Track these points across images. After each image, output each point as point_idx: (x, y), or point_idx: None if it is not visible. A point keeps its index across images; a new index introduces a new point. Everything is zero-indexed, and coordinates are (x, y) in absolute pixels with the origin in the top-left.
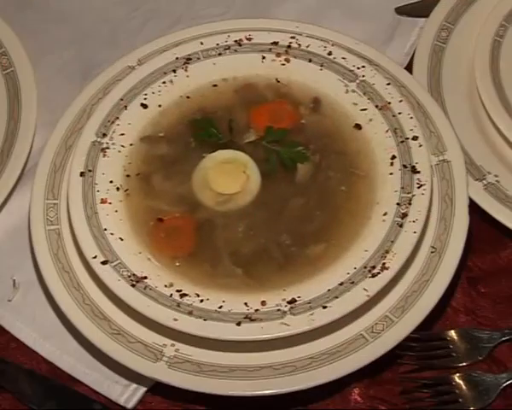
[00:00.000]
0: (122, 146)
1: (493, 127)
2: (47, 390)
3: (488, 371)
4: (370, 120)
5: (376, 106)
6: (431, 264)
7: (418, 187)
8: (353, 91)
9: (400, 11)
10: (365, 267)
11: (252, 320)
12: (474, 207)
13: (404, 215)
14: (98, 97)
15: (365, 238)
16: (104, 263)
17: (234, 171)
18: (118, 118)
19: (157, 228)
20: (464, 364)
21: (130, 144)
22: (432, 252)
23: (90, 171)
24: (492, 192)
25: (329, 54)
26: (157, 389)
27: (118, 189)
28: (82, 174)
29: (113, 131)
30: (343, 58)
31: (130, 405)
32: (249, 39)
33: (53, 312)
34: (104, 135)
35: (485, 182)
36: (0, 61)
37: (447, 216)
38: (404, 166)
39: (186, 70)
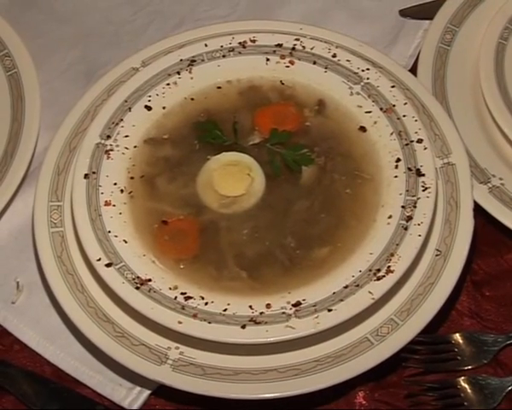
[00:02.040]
0: (126, 148)
1: (498, 130)
2: (50, 393)
3: (493, 374)
4: (375, 122)
5: (381, 108)
6: (436, 267)
7: (423, 190)
8: (358, 94)
9: (404, 13)
10: (370, 270)
11: (256, 323)
12: (478, 210)
13: (409, 218)
14: (102, 99)
15: (370, 241)
16: (108, 265)
17: (238, 173)
18: (122, 120)
19: (161, 230)
20: (469, 367)
21: (135, 146)
22: (437, 255)
23: (94, 173)
24: (497, 195)
25: (334, 56)
26: (161, 391)
27: (122, 191)
28: (86, 176)
29: (117, 133)
30: (347, 60)
31: (134, 408)
32: (253, 41)
33: (57, 314)
34: (108, 137)
35: (489, 185)
36: (3, 63)
37: (452, 219)
38: (409, 169)
39: (190, 72)
